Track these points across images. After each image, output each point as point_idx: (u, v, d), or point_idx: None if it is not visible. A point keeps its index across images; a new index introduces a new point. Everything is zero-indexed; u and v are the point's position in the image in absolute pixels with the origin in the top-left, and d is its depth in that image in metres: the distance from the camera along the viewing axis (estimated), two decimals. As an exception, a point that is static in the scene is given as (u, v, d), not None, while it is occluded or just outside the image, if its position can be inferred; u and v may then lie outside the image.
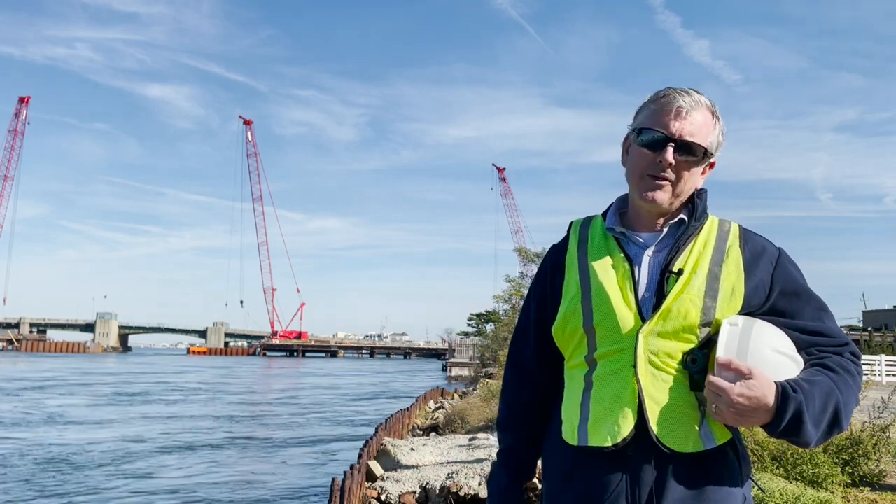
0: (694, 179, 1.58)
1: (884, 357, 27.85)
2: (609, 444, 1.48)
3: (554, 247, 1.74)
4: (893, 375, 27.18)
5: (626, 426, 1.47)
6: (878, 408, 7.48)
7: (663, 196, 1.54)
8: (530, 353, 1.73)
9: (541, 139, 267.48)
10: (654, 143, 1.54)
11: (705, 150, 1.55)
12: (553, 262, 1.70)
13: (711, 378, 1.40)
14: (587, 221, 1.71)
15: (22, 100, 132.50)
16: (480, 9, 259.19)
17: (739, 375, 1.38)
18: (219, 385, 43.48)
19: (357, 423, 23.86)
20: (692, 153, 1.53)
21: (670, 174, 1.54)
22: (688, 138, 1.52)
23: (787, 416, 1.36)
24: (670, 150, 1.52)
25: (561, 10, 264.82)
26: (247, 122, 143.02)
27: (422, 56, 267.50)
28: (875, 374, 25.93)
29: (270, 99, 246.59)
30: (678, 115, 1.53)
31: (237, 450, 17.29)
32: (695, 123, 1.53)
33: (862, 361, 1.57)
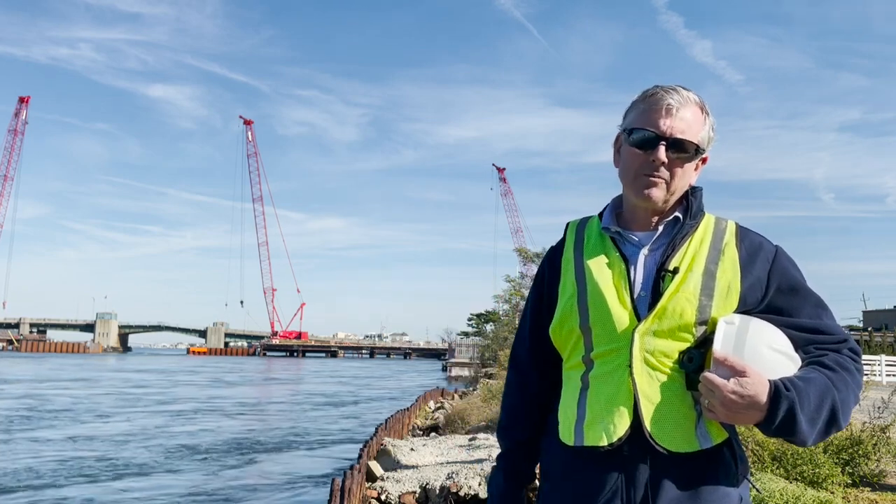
0: (687, 176, 1.59)
1: (884, 357, 27.79)
2: (605, 443, 1.48)
3: (551, 249, 1.75)
4: (893, 375, 27.16)
5: (622, 425, 1.47)
6: (878, 408, 7.48)
7: (659, 193, 1.55)
8: (526, 356, 1.75)
9: (542, 139, 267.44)
10: (645, 143, 1.54)
11: (696, 146, 1.56)
12: (549, 264, 1.72)
13: (705, 374, 1.40)
14: (583, 222, 1.72)
15: (22, 100, 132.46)
16: (483, 8, 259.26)
17: (734, 372, 1.37)
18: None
19: (357, 423, 23.85)
20: (684, 150, 1.54)
21: (664, 172, 1.54)
22: (679, 136, 1.53)
23: (779, 414, 1.35)
24: (662, 148, 1.53)
25: (563, 10, 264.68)
26: (247, 122, 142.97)
27: (423, 56, 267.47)
28: (875, 375, 25.89)
29: (272, 99, 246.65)
30: (668, 113, 1.54)
31: (236, 451, 17.27)
32: (685, 120, 1.54)
33: (862, 360, 1.56)
